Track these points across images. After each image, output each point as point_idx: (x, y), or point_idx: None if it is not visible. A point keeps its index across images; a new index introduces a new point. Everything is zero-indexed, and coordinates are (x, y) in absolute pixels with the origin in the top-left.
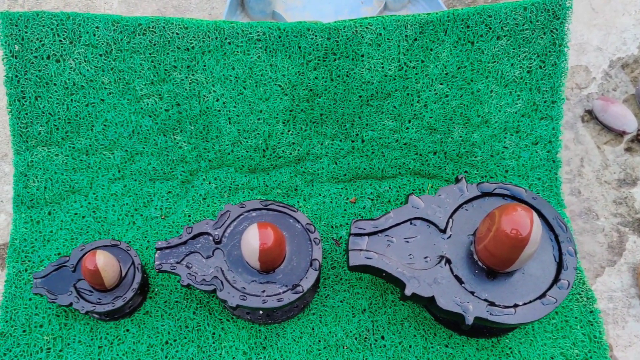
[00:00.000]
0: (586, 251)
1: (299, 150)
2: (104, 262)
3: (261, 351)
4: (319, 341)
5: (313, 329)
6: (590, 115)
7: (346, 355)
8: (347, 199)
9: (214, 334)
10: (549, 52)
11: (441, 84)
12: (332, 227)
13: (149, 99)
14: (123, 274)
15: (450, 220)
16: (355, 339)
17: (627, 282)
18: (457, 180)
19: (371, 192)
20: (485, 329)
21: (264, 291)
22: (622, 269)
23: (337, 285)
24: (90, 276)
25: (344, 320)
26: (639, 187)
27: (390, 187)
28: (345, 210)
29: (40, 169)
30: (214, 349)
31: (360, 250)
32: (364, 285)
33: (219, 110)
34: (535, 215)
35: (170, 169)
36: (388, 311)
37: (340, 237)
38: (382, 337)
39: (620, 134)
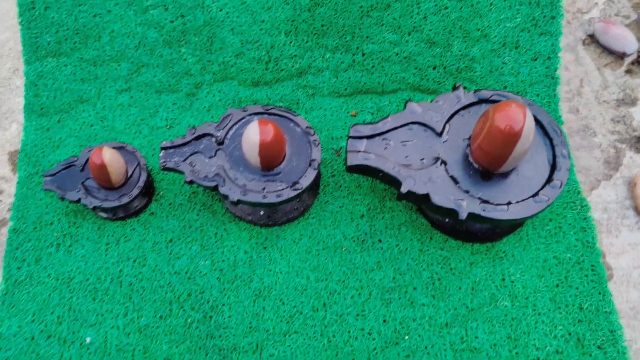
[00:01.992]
0: (582, 165)
1: (300, 62)
2: (110, 158)
3: (262, 251)
4: (318, 243)
5: (312, 231)
6: (591, 39)
7: (344, 256)
8: (348, 112)
9: (216, 234)
10: None
11: None
12: (332, 138)
13: (154, 9)
14: (129, 174)
15: (447, 125)
16: (354, 241)
17: (622, 194)
18: (455, 88)
19: (371, 107)
20: (480, 234)
21: (264, 188)
22: (617, 182)
23: (337, 192)
24: (97, 171)
25: (342, 224)
26: (637, 107)
27: (390, 102)
28: (345, 123)
29: (50, 78)
30: (216, 248)
31: (358, 151)
32: (363, 193)
33: (223, 21)
34: (528, 111)
35: (176, 81)
36: (386, 217)
37: (340, 148)
38: (380, 240)
39: (621, 55)
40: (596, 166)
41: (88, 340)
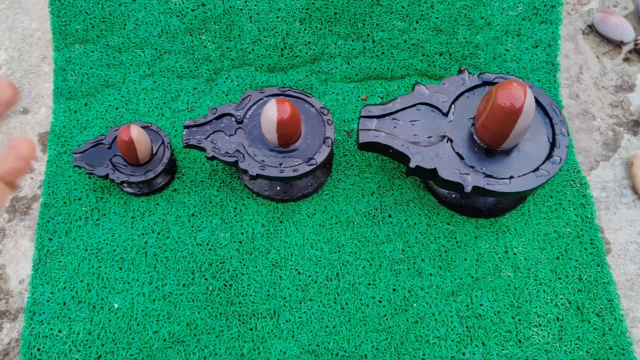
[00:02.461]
0: (582, 147)
1: (314, 49)
2: (138, 134)
3: (278, 224)
4: (331, 217)
5: (326, 207)
6: (590, 29)
7: (356, 230)
8: (359, 97)
9: (235, 208)
10: None
11: None
12: (344, 121)
13: None
14: (154, 152)
15: (453, 105)
16: (365, 216)
17: (620, 174)
18: (460, 72)
19: (381, 91)
20: (484, 209)
21: (281, 164)
22: (615, 163)
23: (348, 170)
24: (125, 147)
25: (354, 200)
26: (635, 93)
27: (399, 87)
28: (356, 106)
29: (77, 64)
30: (235, 221)
31: (369, 130)
32: (373, 171)
33: (241, 9)
34: (529, 89)
35: (196, 67)
36: (395, 193)
37: (352, 130)
38: (389, 216)
39: (619, 44)
40: (595, 148)
41: (116, 305)
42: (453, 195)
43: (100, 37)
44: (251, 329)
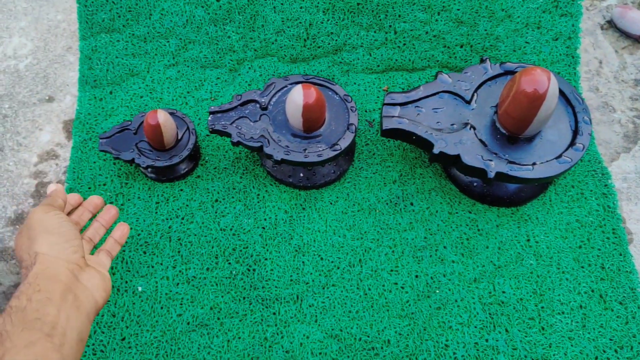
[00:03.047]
0: (602, 139)
1: (336, 40)
2: (164, 119)
3: (301, 211)
4: (354, 205)
5: (348, 194)
6: (609, 25)
7: (378, 217)
8: (380, 87)
9: (258, 195)
10: None
11: None
12: (365, 111)
13: None
14: (179, 138)
15: (475, 94)
16: (387, 204)
17: None
18: (482, 61)
19: (402, 82)
20: (506, 198)
21: (305, 149)
22: (636, 154)
23: (370, 159)
24: (152, 131)
25: (376, 188)
26: None
27: (420, 78)
28: (378, 97)
29: (103, 53)
30: (258, 207)
31: (393, 116)
32: (395, 160)
33: (265, 0)
34: (553, 75)
35: (220, 57)
36: (417, 182)
37: (373, 120)
38: (411, 204)
39: (637, 38)
40: (616, 140)
41: (140, 289)
42: (475, 184)
43: (126, 26)
44: (274, 314)
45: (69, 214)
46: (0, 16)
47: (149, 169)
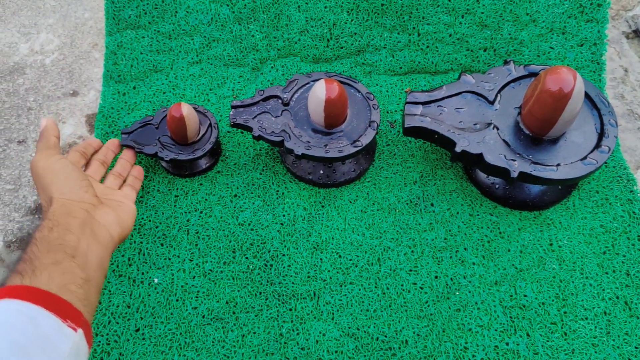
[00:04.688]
0: (628, 146)
1: (360, 41)
2: (188, 112)
3: (320, 209)
4: (373, 204)
5: (368, 193)
6: (635, 34)
7: (398, 216)
8: (402, 89)
9: (277, 191)
10: None
11: None
12: (387, 112)
13: None
14: (202, 132)
15: (499, 95)
16: (407, 204)
17: None
18: (506, 63)
19: (424, 85)
20: (528, 201)
21: (326, 145)
22: None
23: (391, 159)
24: (175, 124)
25: (396, 188)
26: None
27: (442, 81)
28: (400, 99)
29: (128, 49)
30: (277, 204)
31: (415, 115)
32: (416, 161)
33: None
34: (578, 75)
35: (243, 55)
36: (437, 183)
37: (395, 120)
38: (432, 205)
39: None
40: None
41: (156, 280)
42: (497, 186)
43: (151, 23)
44: (290, 310)
45: (93, 154)
46: (30, 13)
47: (171, 164)
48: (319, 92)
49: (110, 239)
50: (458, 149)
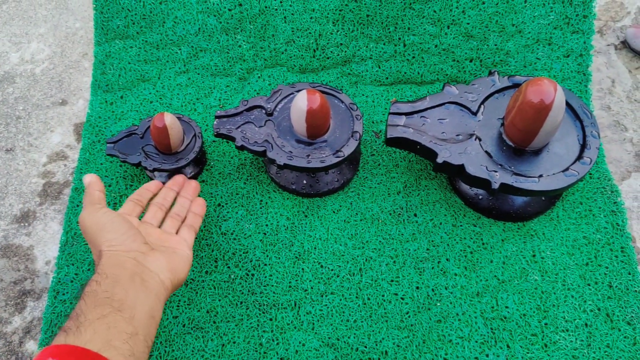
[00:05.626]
0: (613, 157)
1: (346, 51)
2: (171, 121)
3: (303, 218)
4: (356, 214)
5: (351, 203)
6: (624, 45)
7: (380, 227)
8: (388, 99)
9: (261, 201)
10: None
11: None
12: (372, 122)
13: None
14: (185, 142)
15: (482, 105)
16: (390, 214)
17: None
18: (490, 73)
19: (410, 95)
20: (512, 212)
21: (308, 155)
22: None
23: (375, 169)
24: (159, 134)
25: (380, 198)
26: None
27: (428, 92)
28: (385, 108)
29: (116, 59)
30: (260, 213)
31: (397, 125)
32: (400, 171)
33: (276, 9)
34: (559, 87)
35: (230, 65)
36: (421, 194)
37: (380, 131)
38: (415, 215)
39: None
40: (627, 158)
41: None
42: (480, 197)
43: (139, 33)
44: (271, 319)
45: (151, 198)
46: (21, 22)
47: (156, 173)
48: (301, 103)
49: (162, 286)
50: (439, 159)
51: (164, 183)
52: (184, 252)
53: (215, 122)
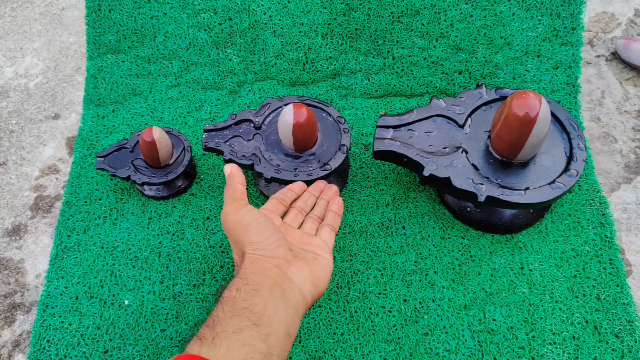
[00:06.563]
0: (603, 169)
1: (335, 64)
2: (160, 135)
3: None
4: (345, 226)
5: None
6: (614, 56)
7: (369, 239)
8: (378, 112)
9: None
10: None
11: (466, 3)
12: (362, 135)
13: (205, 13)
14: (175, 156)
15: (469, 118)
16: (378, 227)
17: None
18: (478, 86)
19: (400, 108)
20: (500, 225)
21: (296, 168)
22: (637, 185)
23: (364, 182)
24: (147, 148)
25: (368, 211)
26: None
27: (418, 104)
28: (375, 121)
29: (108, 73)
30: None
31: (385, 138)
32: (389, 184)
33: (266, 24)
34: (544, 99)
35: (221, 79)
36: (409, 206)
37: (369, 143)
38: (403, 227)
39: None
40: (616, 170)
41: (126, 302)
42: (469, 209)
43: (131, 48)
44: None
45: (294, 201)
46: (16, 37)
47: (145, 186)
48: (287, 117)
49: (302, 300)
50: (426, 172)
51: (155, 197)
52: (325, 258)
53: (203, 136)
